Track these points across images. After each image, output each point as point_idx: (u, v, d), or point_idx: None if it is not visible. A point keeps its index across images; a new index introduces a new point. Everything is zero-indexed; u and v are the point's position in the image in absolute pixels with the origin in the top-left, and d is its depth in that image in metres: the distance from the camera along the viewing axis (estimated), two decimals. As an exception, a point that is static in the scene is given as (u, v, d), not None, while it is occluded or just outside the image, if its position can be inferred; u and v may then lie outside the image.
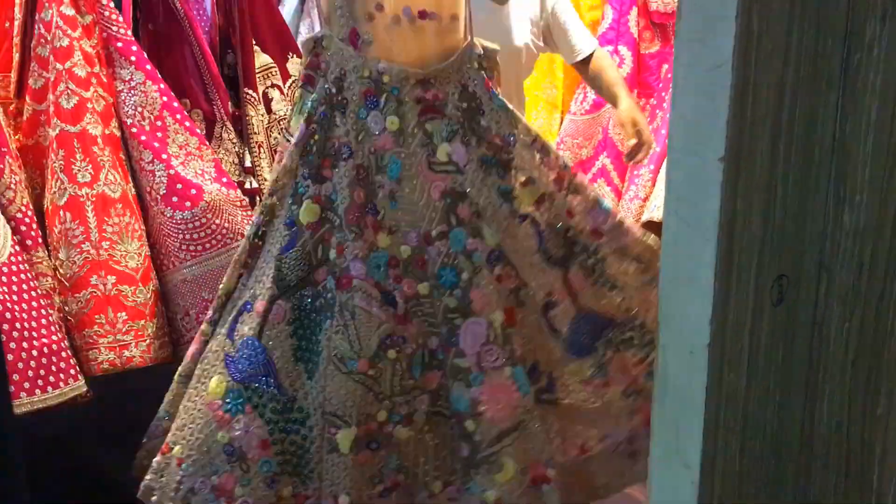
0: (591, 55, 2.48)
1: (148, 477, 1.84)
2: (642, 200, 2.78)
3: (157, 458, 1.84)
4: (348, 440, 1.75)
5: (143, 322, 1.96)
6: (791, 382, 0.95)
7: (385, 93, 1.78)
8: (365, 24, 1.76)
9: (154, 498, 1.83)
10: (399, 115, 1.78)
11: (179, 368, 1.89)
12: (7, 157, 1.84)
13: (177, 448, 1.80)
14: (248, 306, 1.79)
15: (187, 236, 2.02)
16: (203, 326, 1.89)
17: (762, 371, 0.90)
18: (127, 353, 1.92)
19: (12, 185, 1.84)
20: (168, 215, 2.02)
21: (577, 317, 1.88)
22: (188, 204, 2.01)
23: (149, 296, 1.99)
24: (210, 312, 1.89)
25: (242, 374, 1.77)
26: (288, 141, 1.85)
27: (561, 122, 3.21)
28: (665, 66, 3.03)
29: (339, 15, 1.77)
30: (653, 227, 2.73)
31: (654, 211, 2.62)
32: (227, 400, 1.76)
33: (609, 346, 1.90)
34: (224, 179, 2.09)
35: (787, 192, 0.86)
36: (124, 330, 1.92)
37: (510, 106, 1.84)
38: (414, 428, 1.84)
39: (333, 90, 1.78)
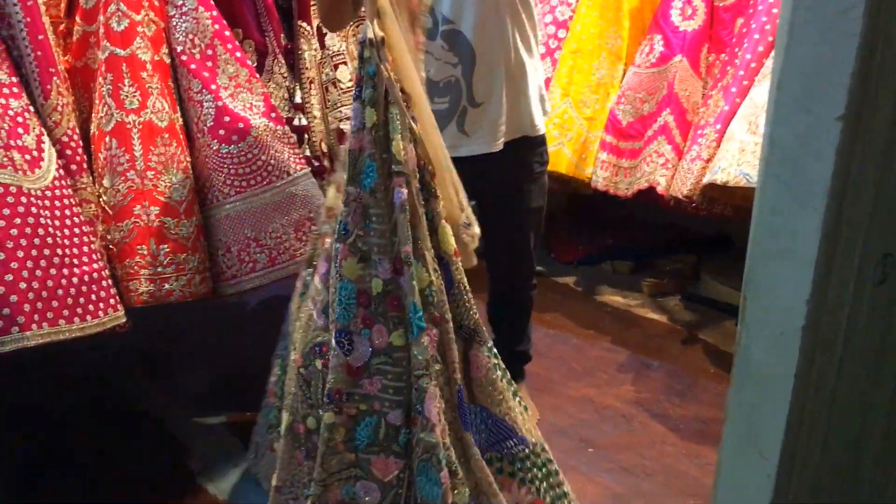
0: None
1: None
2: (705, 161, 2.63)
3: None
4: (286, 423, 1.63)
5: (184, 256, 1.92)
6: (880, 372, 0.86)
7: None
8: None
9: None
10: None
11: None
12: (55, 77, 1.79)
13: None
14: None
15: (232, 171, 1.96)
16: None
17: (854, 358, 0.81)
18: (167, 287, 1.88)
19: (59, 108, 1.79)
20: (214, 148, 1.95)
21: (472, 407, 1.56)
22: (235, 138, 1.94)
23: (192, 229, 1.94)
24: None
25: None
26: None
27: (623, 75, 3.07)
28: (740, 20, 2.85)
29: None
30: (714, 189, 2.60)
31: (718, 173, 2.48)
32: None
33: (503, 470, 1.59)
34: (273, 115, 2.02)
35: (904, 160, 0.76)
36: (166, 263, 1.88)
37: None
38: None
39: None
